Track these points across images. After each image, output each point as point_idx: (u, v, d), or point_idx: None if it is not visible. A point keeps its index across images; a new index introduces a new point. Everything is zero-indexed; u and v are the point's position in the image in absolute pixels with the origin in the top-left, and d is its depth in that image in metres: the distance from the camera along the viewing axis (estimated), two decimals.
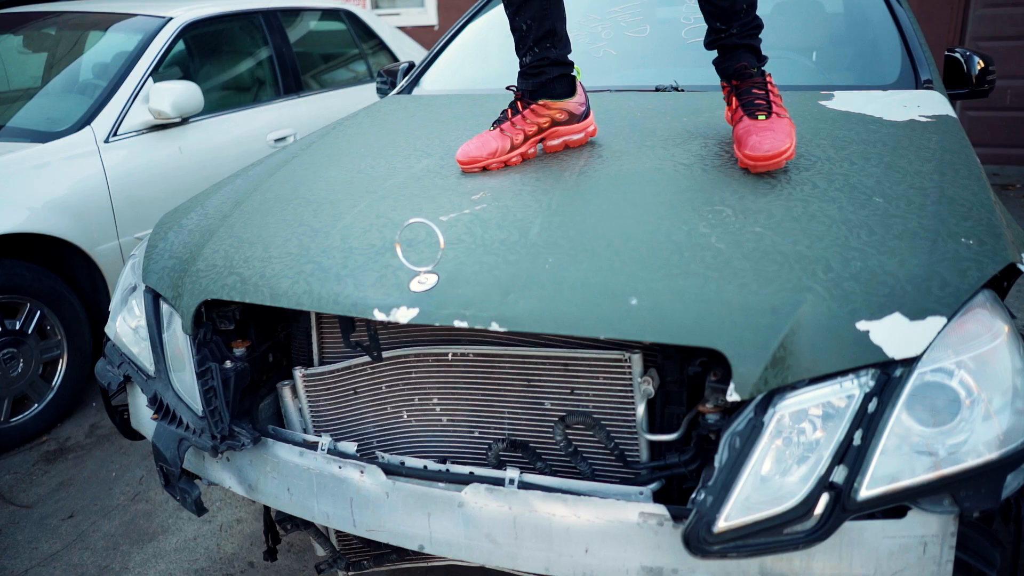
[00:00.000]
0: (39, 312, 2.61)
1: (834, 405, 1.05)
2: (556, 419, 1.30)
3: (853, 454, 1.04)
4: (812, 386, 1.06)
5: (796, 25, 2.40)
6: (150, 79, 3.04)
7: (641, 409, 1.23)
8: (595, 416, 1.27)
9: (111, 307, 1.66)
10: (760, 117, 1.48)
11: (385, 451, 1.42)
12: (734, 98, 1.58)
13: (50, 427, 2.70)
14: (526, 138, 1.64)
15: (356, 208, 1.48)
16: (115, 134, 2.87)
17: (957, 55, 2.32)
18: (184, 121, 3.11)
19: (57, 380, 2.70)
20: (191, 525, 2.18)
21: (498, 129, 1.63)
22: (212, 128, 3.24)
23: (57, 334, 2.68)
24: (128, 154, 2.88)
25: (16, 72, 3.37)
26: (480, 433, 1.37)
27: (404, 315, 1.16)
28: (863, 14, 2.37)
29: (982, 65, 2.30)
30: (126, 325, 1.58)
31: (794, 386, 1.06)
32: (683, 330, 1.07)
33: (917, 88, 2.02)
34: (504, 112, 1.67)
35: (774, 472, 1.05)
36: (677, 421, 1.27)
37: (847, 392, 1.06)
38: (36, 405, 2.65)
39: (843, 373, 1.06)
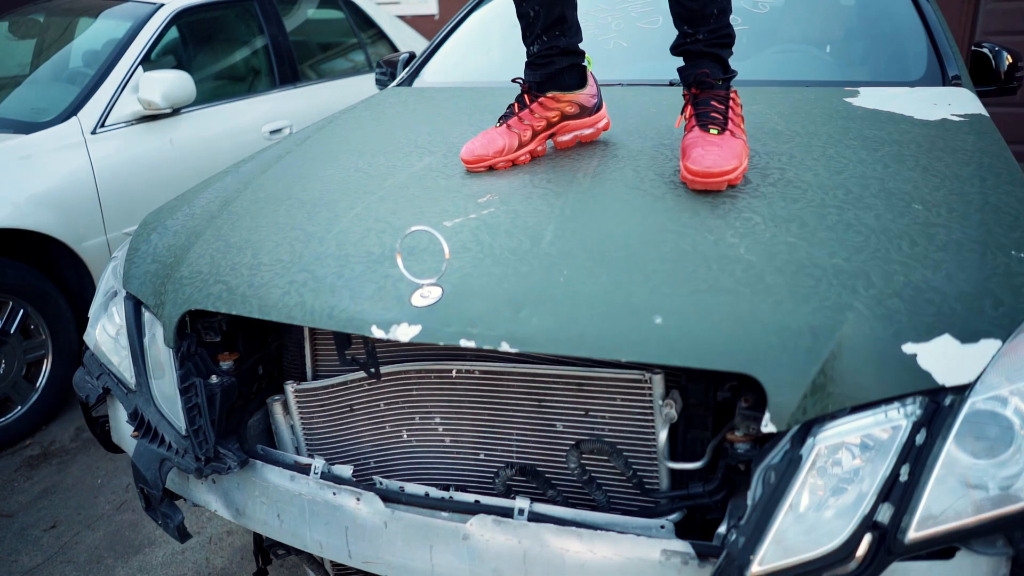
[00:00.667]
0: (22, 311, 2.50)
1: (879, 437, 0.96)
2: (570, 444, 1.20)
3: (900, 491, 0.94)
4: (854, 415, 0.96)
5: (818, 19, 2.29)
6: (140, 68, 2.93)
7: (663, 435, 1.13)
8: (612, 441, 1.17)
9: (91, 312, 1.55)
10: (712, 131, 1.37)
11: (383, 474, 1.32)
12: (689, 106, 1.46)
13: (34, 430, 2.60)
14: (535, 134, 1.54)
15: (353, 211, 1.37)
16: (103, 125, 2.75)
17: (985, 50, 2.22)
18: (175, 112, 2.99)
19: (41, 381, 2.60)
20: None
21: (505, 125, 1.52)
22: (205, 119, 3.12)
23: (41, 333, 2.58)
24: (116, 146, 2.77)
25: (2, 60, 3.25)
26: (486, 457, 1.27)
27: (405, 333, 1.06)
28: (887, 7, 2.26)
29: (1011, 60, 2.19)
30: (106, 333, 1.48)
31: (835, 415, 0.96)
32: (714, 353, 0.97)
33: (945, 85, 1.91)
34: (510, 107, 1.56)
35: (813, 510, 0.95)
36: (701, 448, 1.17)
37: (893, 422, 0.96)
38: (19, 407, 2.55)
39: (888, 401, 0.96)
